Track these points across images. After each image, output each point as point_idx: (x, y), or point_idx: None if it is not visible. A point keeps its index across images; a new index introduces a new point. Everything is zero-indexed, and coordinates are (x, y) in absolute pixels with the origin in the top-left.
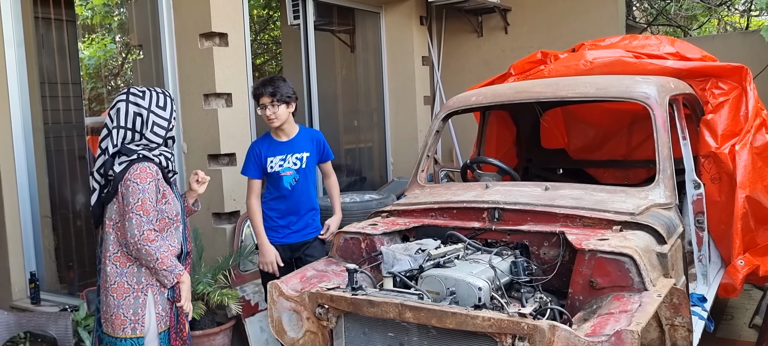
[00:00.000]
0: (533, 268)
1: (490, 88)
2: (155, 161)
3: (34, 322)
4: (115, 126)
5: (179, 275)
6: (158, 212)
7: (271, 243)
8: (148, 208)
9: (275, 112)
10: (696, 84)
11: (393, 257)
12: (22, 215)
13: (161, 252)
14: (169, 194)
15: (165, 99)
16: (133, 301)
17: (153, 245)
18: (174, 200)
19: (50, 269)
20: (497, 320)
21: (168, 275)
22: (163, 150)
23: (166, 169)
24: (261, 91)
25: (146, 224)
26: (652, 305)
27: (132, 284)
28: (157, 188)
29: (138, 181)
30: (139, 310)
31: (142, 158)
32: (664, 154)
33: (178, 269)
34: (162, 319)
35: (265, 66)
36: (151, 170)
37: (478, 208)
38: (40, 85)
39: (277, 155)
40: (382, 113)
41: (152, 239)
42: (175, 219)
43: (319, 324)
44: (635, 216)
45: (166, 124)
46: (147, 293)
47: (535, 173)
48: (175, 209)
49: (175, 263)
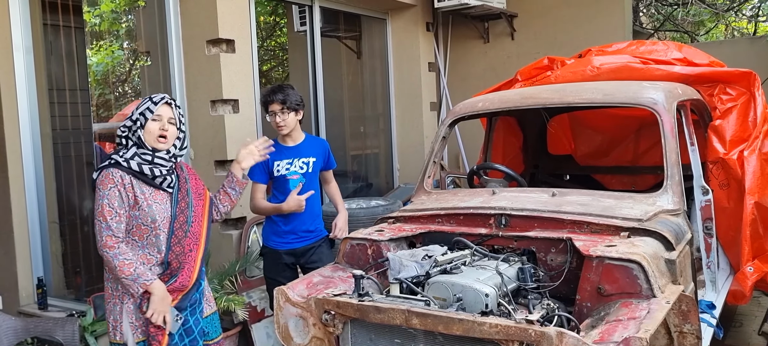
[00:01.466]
0: (540, 274)
1: (496, 94)
2: (124, 166)
3: (42, 327)
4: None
5: (145, 285)
6: (133, 219)
7: (276, 249)
8: (108, 214)
9: (285, 120)
10: (704, 90)
11: (399, 263)
12: (29, 220)
13: (121, 259)
14: (144, 200)
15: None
16: (113, 307)
17: (111, 252)
18: (152, 206)
19: (58, 275)
20: (504, 327)
21: (131, 284)
22: (138, 153)
23: (148, 176)
24: (271, 99)
25: (105, 230)
26: (661, 312)
27: (113, 290)
28: (122, 194)
29: (100, 187)
30: (117, 316)
31: (111, 164)
32: (672, 160)
33: (142, 279)
34: (136, 328)
35: (272, 72)
36: (113, 177)
37: (485, 214)
38: (48, 92)
39: (283, 159)
40: (388, 119)
41: (111, 246)
42: (153, 226)
43: (326, 330)
44: (643, 222)
45: (129, 122)
46: (122, 300)
47: (541, 179)
48: (150, 216)
49: (139, 272)
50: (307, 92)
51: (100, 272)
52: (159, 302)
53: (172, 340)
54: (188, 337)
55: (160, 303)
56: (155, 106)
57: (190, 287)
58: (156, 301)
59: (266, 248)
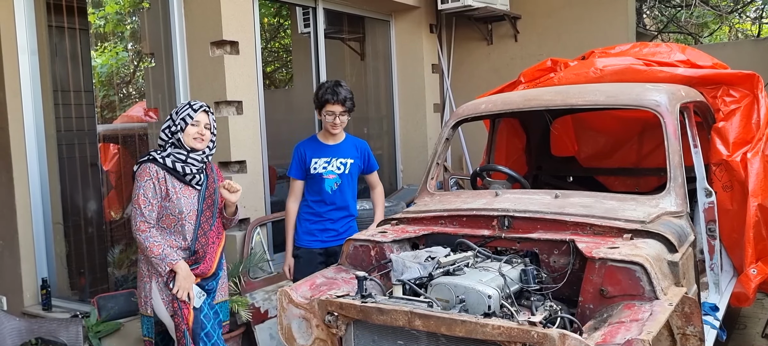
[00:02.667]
0: (543, 276)
1: (499, 96)
2: (160, 162)
3: (46, 328)
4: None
5: (171, 263)
6: (164, 209)
7: (308, 248)
8: (142, 202)
9: (343, 122)
10: (707, 92)
11: (402, 264)
12: (34, 221)
13: (151, 242)
14: (174, 193)
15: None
16: (144, 285)
17: (143, 235)
18: (181, 200)
19: (62, 276)
20: (507, 329)
21: (159, 263)
22: (173, 152)
23: (180, 173)
24: (332, 99)
25: (139, 216)
26: (664, 314)
27: (144, 270)
28: (156, 187)
29: (138, 178)
30: (148, 293)
31: (149, 160)
32: (674, 162)
33: (169, 259)
34: (167, 304)
35: (276, 74)
36: (150, 171)
37: (488, 216)
38: (53, 93)
39: (321, 157)
40: (391, 121)
41: (143, 230)
42: (180, 217)
43: (329, 332)
44: (646, 224)
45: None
46: (151, 279)
47: (545, 181)
48: (179, 208)
49: (166, 252)
50: (311, 94)
51: (104, 273)
52: (183, 280)
53: (200, 312)
54: (211, 310)
55: (184, 280)
56: (195, 113)
57: (210, 275)
58: (180, 279)
59: (300, 248)
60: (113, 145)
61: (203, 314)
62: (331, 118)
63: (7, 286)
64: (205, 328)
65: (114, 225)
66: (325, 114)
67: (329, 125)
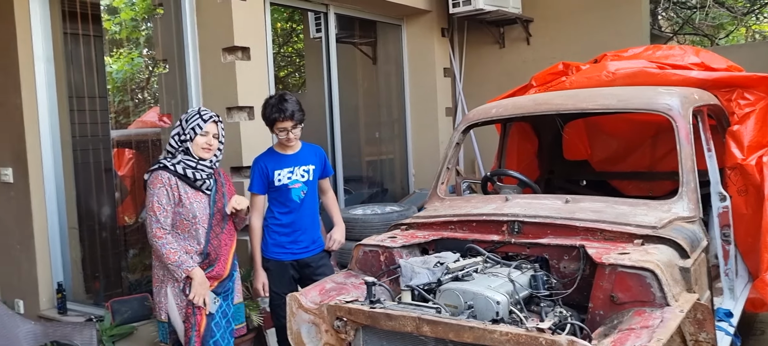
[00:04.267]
0: (553, 282)
1: (510, 100)
2: (170, 169)
3: (60, 332)
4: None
5: (187, 270)
6: (177, 215)
7: (279, 260)
8: (157, 210)
9: (296, 134)
10: (721, 95)
11: (411, 270)
12: (49, 226)
13: (167, 248)
14: (187, 199)
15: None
16: (159, 290)
17: (159, 242)
18: (194, 204)
19: (77, 280)
20: (515, 335)
21: (175, 270)
22: (183, 159)
23: (191, 179)
24: (279, 116)
25: (154, 223)
26: (674, 321)
27: (159, 276)
28: (169, 193)
29: (151, 186)
30: (162, 299)
31: (160, 167)
32: (687, 166)
33: (185, 265)
34: (181, 309)
35: (289, 78)
36: (162, 178)
37: (498, 221)
38: (68, 99)
39: (284, 168)
40: (403, 125)
41: (159, 236)
42: (193, 222)
43: (338, 337)
44: (657, 230)
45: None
46: (167, 285)
47: (557, 185)
48: (192, 212)
49: (182, 259)
50: (323, 98)
51: (118, 277)
52: (199, 286)
53: (211, 320)
54: (223, 319)
55: (200, 287)
56: (204, 124)
57: (225, 276)
58: (196, 285)
59: (270, 260)
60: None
61: (214, 321)
62: (285, 134)
63: (23, 290)
64: (215, 336)
65: (128, 230)
66: (277, 131)
67: (284, 141)
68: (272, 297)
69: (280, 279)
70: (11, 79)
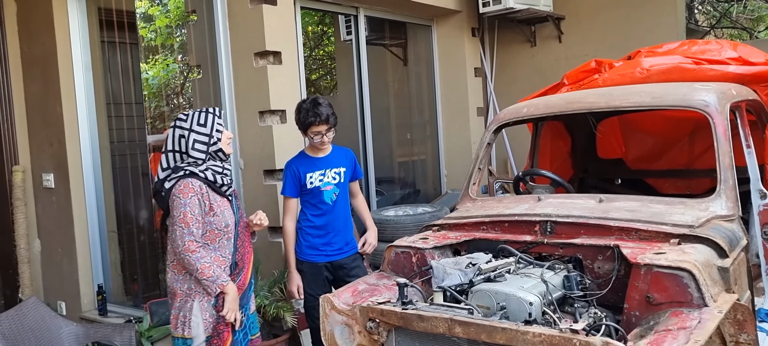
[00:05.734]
0: (587, 282)
1: (541, 99)
2: (201, 176)
3: (101, 333)
4: (164, 151)
5: (222, 286)
6: (207, 224)
7: (313, 262)
8: (189, 221)
9: (330, 138)
10: (760, 89)
11: (443, 271)
12: (90, 230)
13: (202, 262)
14: (217, 206)
15: (206, 116)
16: (183, 305)
17: (194, 256)
18: (224, 212)
19: (117, 282)
20: (548, 336)
21: (210, 285)
22: (210, 165)
23: (217, 184)
24: (315, 121)
25: (188, 235)
26: (713, 322)
27: (183, 289)
28: (201, 202)
29: (181, 196)
30: (187, 314)
31: (187, 174)
32: (725, 163)
33: (220, 280)
34: (209, 325)
35: (320, 81)
36: (193, 186)
37: (530, 221)
38: (106, 106)
39: (316, 171)
40: (435, 126)
41: (193, 250)
42: (225, 231)
43: (371, 338)
44: (695, 229)
45: (206, 139)
46: (194, 299)
47: (591, 184)
48: (224, 221)
49: (217, 273)
50: (354, 100)
51: (156, 279)
52: (233, 301)
53: (234, 335)
54: (241, 331)
55: (233, 302)
56: (220, 119)
57: (247, 286)
58: (230, 300)
59: (304, 262)
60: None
61: (236, 337)
62: (319, 138)
63: (65, 292)
64: None
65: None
66: (311, 135)
67: (318, 145)
68: (307, 299)
69: (314, 281)
70: (52, 87)
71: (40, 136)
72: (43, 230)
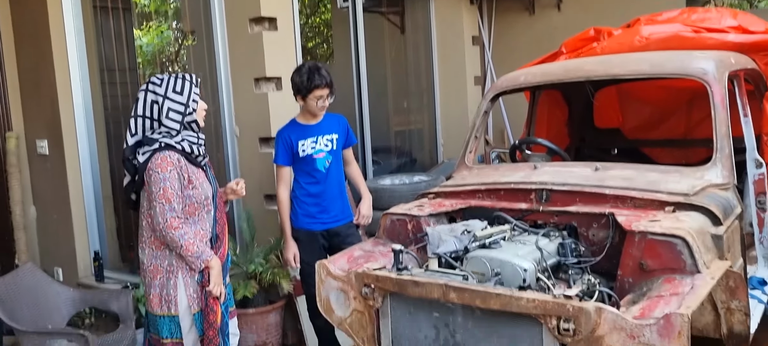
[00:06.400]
0: (582, 249)
1: (539, 68)
2: (177, 148)
3: (98, 298)
4: (133, 116)
5: (206, 261)
6: (186, 198)
7: (309, 230)
8: (170, 196)
9: (329, 102)
10: (759, 58)
11: (438, 238)
12: (85, 196)
13: (185, 239)
14: (196, 179)
15: (182, 83)
16: (166, 282)
17: (176, 233)
18: (203, 184)
19: (113, 249)
20: (542, 302)
21: (194, 261)
22: (185, 135)
23: (194, 155)
24: (318, 83)
25: (169, 212)
26: (705, 289)
27: (164, 266)
28: (180, 176)
29: (159, 170)
30: (170, 291)
31: (163, 147)
32: (721, 132)
33: (204, 255)
34: (194, 300)
35: (317, 49)
36: (171, 159)
37: (526, 189)
38: (99, 72)
39: (308, 138)
40: (432, 94)
41: (176, 227)
42: (205, 203)
43: (366, 304)
44: (689, 197)
45: (182, 108)
46: (177, 275)
47: (588, 154)
48: (204, 193)
49: (201, 248)
50: (350, 68)
51: None
52: (218, 276)
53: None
54: (223, 304)
55: (219, 276)
56: (197, 88)
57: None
58: (215, 275)
59: (300, 230)
60: None
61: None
62: (321, 102)
63: (62, 258)
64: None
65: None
66: (312, 99)
67: (318, 109)
68: (303, 266)
69: (310, 249)
70: (45, 53)
71: (33, 102)
72: (38, 197)
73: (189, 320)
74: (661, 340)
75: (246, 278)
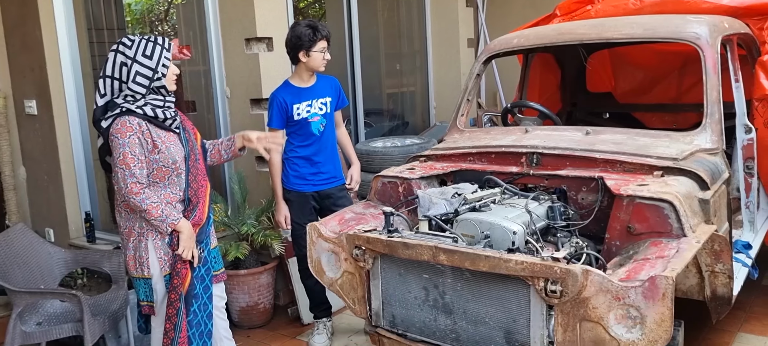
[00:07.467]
0: (570, 213)
1: (532, 30)
2: (139, 113)
3: (90, 259)
4: (102, 76)
5: (173, 224)
6: (153, 162)
7: (301, 192)
8: (130, 162)
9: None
10: (753, 23)
11: (429, 200)
12: (75, 157)
13: (148, 203)
14: (162, 143)
15: (153, 47)
16: (138, 244)
17: (138, 198)
18: (170, 148)
19: (104, 210)
20: (530, 264)
21: (160, 225)
22: (149, 99)
23: (159, 119)
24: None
25: (130, 177)
26: (690, 251)
27: (136, 229)
28: (142, 140)
29: (118, 136)
30: (142, 253)
31: (124, 112)
32: (712, 97)
33: (170, 219)
34: (165, 263)
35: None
36: (131, 124)
37: (517, 152)
38: (87, 32)
39: (302, 101)
40: (424, 57)
41: (136, 192)
42: (174, 167)
43: (357, 265)
44: (678, 161)
45: (150, 73)
46: (147, 238)
47: (580, 118)
48: (171, 157)
49: (167, 212)
50: (343, 30)
51: None
52: (187, 239)
53: (193, 272)
54: (203, 267)
55: (188, 240)
56: (169, 53)
57: (204, 221)
58: (185, 238)
59: (291, 192)
60: None
61: (196, 274)
62: (326, 54)
63: (53, 219)
64: (196, 289)
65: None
66: (317, 52)
67: (322, 64)
68: (294, 228)
69: (301, 210)
70: (30, 10)
71: (20, 61)
72: (28, 158)
73: (163, 286)
74: (645, 302)
75: (238, 239)
